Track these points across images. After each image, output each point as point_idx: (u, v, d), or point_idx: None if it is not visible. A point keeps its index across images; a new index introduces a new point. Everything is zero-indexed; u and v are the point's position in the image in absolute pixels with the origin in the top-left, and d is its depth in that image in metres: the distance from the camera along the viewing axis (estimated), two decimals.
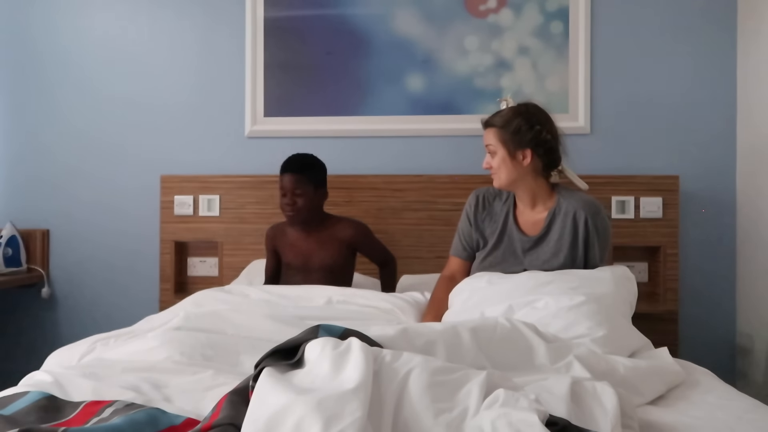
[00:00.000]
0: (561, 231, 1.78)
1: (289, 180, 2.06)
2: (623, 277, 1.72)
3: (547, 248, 1.80)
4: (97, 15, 2.72)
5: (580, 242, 1.77)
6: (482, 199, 1.93)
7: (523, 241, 1.83)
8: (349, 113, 2.61)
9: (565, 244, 1.77)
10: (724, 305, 2.51)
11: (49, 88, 2.73)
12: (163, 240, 2.58)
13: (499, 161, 1.81)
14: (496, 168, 1.82)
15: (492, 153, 1.82)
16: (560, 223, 1.79)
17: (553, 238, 1.79)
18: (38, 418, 0.99)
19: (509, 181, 1.82)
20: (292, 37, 2.62)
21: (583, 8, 2.52)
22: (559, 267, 1.76)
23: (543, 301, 1.54)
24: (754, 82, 2.39)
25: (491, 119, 1.83)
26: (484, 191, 1.95)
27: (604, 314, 1.47)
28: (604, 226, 1.79)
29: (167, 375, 1.18)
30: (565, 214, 1.79)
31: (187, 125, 2.68)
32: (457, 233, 1.97)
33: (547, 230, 1.81)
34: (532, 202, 1.85)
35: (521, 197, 1.87)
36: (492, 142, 1.81)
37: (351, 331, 1.06)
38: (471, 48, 2.57)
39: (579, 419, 0.92)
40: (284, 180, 2.07)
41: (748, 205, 2.43)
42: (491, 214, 1.91)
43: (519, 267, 1.82)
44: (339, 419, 0.78)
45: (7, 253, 2.56)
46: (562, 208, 1.80)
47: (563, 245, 1.77)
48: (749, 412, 1.14)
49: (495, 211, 1.91)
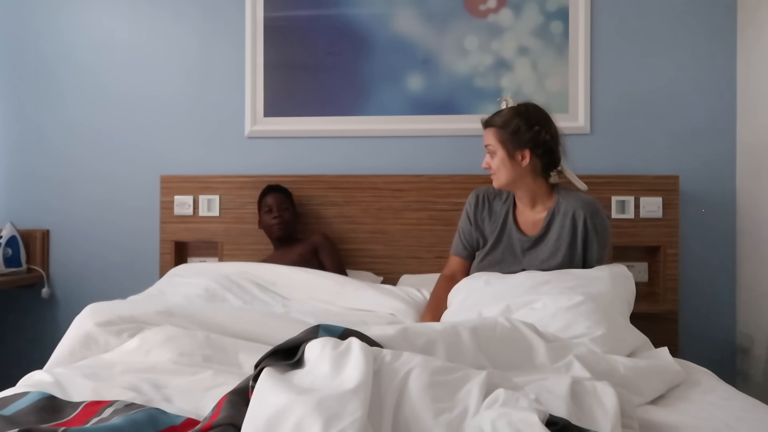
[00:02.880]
0: (560, 230, 1.79)
1: (274, 198, 2.36)
2: (621, 276, 1.72)
3: (545, 248, 1.80)
4: (98, 16, 2.72)
5: (579, 242, 1.77)
6: (482, 199, 1.94)
7: (522, 241, 1.83)
8: (349, 113, 2.61)
9: (563, 244, 1.77)
10: (724, 305, 2.51)
11: (50, 88, 2.73)
12: (163, 240, 2.58)
13: (498, 162, 1.81)
14: (495, 168, 1.82)
15: (491, 153, 1.82)
16: (559, 223, 1.79)
17: (552, 237, 1.80)
18: (38, 418, 0.99)
19: (508, 182, 1.82)
20: (292, 37, 2.62)
21: (583, 8, 2.52)
22: (558, 266, 1.76)
23: (541, 302, 1.54)
24: (754, 82, 2.39)
25: (491, 119, 1.84)
26: (485, 191, 1.96)
27: (602, 313, 1.47)
28: (603, 226, 1.80)
29: (167, 375, 1.18)
30: (564, 214, 1.79)
31: (187, 125, 2.68)
32: (457, 232, 1.98)
33: (546, 230, 1.81)
34: (531, 202, 1.86)
35: (521, 197, 1.87)
36: (491, 142, 1.81)
37: (351, 331, 1.06)
38: (471, 48, 2.57)
39: (579, 419, 0.92)
40: (269, 199, 2.36)
41: (748, 205, 2.43)
42: (491, 213, 1.91)
43: (518, 266, 1.82)
44: (339, 419, 0.78)
45: (7, 253, 2.56)
46: (561, 207, 1.80)
47: (562, 245, 1.77)
48: (749, 411, 1.14)
49: (495, 210, 1.91)
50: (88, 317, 1.47)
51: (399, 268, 2.45)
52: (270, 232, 2.36)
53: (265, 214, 2.36)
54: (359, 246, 2.50)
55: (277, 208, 2.33)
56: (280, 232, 2.32)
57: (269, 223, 2.34)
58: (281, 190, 2.40)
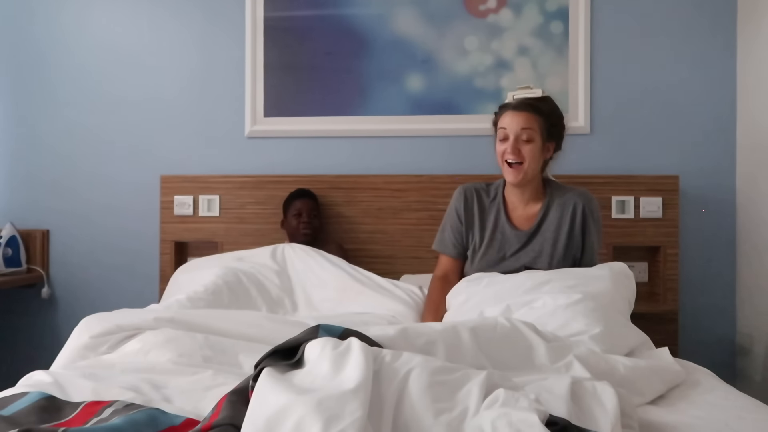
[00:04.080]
0: (558, 221, 1.79)
1: (305, 204, 2.37)
2: (621, 275, 1.71)
3: (543, 239, 1.80)
4: (97, 15, 2.71)
5: (578, 229, 1.78)
6: (471, 195, 1.88)
7: (518, 236, 1.82)
8: (349, 113, 2.61)
9: (563, 234, 1.78)
10: (724, 305, 2.50)
11: (49, 88, 2.73)
12: (163, 240, 2.58)
13: (535, 150, 1.72)
14: (529, 157, 1.72)
15: (528, 140, 1.72)
16: (556, 214, 1.80)
17: (549, 228, 1.79)
18: (38, 418, 0.99)
19: (534, 173, 1.78)
20: (292, 37, 2.62)
21: (583, 8, 2.52)
22: (559, 256, 1.77)
23: (541, 301, 1.54)
24: (754, 81, 2.38)
25: (537, 104, 1.73)
26: (471, 186, 1.90)
27: (600, 311, 1.48)
28: (598, 211, 1.83)
29: (167, 375, 1.18)
30: (558, 205, 1.80)
31: (187, 125, 2.68)
32: (442, 230, 1.93)
33: (541, 222, 1.81)
34: (529, 197, 1.83)
35: (519, 193, 1.83)
36: (534, 127, 1.71)
37: (351, 331, 1.06)
38: (471, 48, 2.56)
39: (579, 419, 0.92)
40: (300, 204, 2.38)
41: (748, 205, 2.43)
42: (481, 210, 1.87)
43: (517, 263, 1.81)
44: (339, 419, 0.78)
45: (7, 253, 2.56)
46: (555, 199, 1.81)
47: (561, 235, 1.78)
48: (749, 411, 1.14)
49: (484, 207, 1.87)
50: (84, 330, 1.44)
51: (399, 268, 2.44)
52: (295, 235, 2.36)
53: (293, 217, 2.36)
54: (359, 246, 2.50)
55: (307, 214, 2.35)
56: (306, 238, 2.33)
57: (296, 226, 2.35)
58: (312, 197, 2.41)
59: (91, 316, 1.50)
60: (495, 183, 1.93)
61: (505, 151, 1.75)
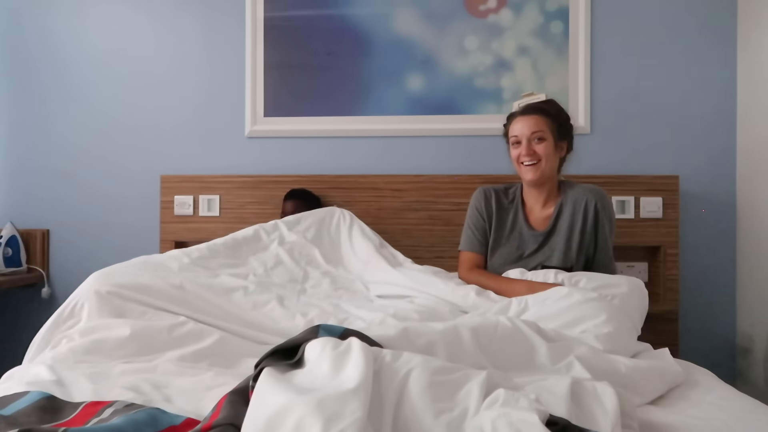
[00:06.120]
0: (571, 220, 1.83)
1: (294, 205, 2.36)
2: (637, 289, 1.71)
3: (559, 238, 1.84)
4: (97, 15, 2.72)
5: (590, 225, 1.82)
6: (490, 194, 1.97)
7: (536, 237, 1.87)
8: (349, 113, 2.61)
9: (576, 231, 1.82)
10: (724, 305, 2.51)
11: (49, 88, 2.73)
12: (163, 240, 2.58)
13: (549, 147, 1.81)
14: (544, 155, 1.81)
15: (540, 140, 1.81)
16: (569, 213, 1.84)
17: (563, 227, 1.84)
18: (38, 418, 0.99)
19: (551, 171, 1.85)
20: (292, 37, 2.62)
21: (583, 8, 2.52)
22: (572, 253, 1.81)
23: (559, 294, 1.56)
24: (754, 82, 2.38)
25: (541, 107, 1.84)
26: (490, 188, 1.99)
27: (614, 313, 1.48)
28: (610, 205, 1.86)
29: (167, 375, 1.18)
30: (571, 204, 1.84)
31: (188, 125, 2.68)
32: (468, 230, 1.99)
33: (556, 222, 1.86)
34: (545, 198, 1.89)
35: (537, 194, 1.90)
36: (543, 128, 1.81)
37: (351, 331, 1.06)
38: (471, 48, 2.57)
39: (579, 419, 0.92)
40: (288, 206, 2.35)
41: (748, 205, 2.43)
42: (499, 208, 1.95)
43: (534, 262, 1.86)
44: (339, 419, 0.78)
45: (7, 253, 2.56)
46: (569, 199, 1.85)
47: (575, 233, 1.82)
48: (749, 412, 1.14)
49: (503, 206, 1.95)
50: (95, 283, 1.53)
51: None
52: None
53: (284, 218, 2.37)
54: None
55: None
56: None
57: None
58: (303, 197, 2.40)
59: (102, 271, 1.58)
60: (513, 186, 2.00)
61: (519, 155, 1.85)
